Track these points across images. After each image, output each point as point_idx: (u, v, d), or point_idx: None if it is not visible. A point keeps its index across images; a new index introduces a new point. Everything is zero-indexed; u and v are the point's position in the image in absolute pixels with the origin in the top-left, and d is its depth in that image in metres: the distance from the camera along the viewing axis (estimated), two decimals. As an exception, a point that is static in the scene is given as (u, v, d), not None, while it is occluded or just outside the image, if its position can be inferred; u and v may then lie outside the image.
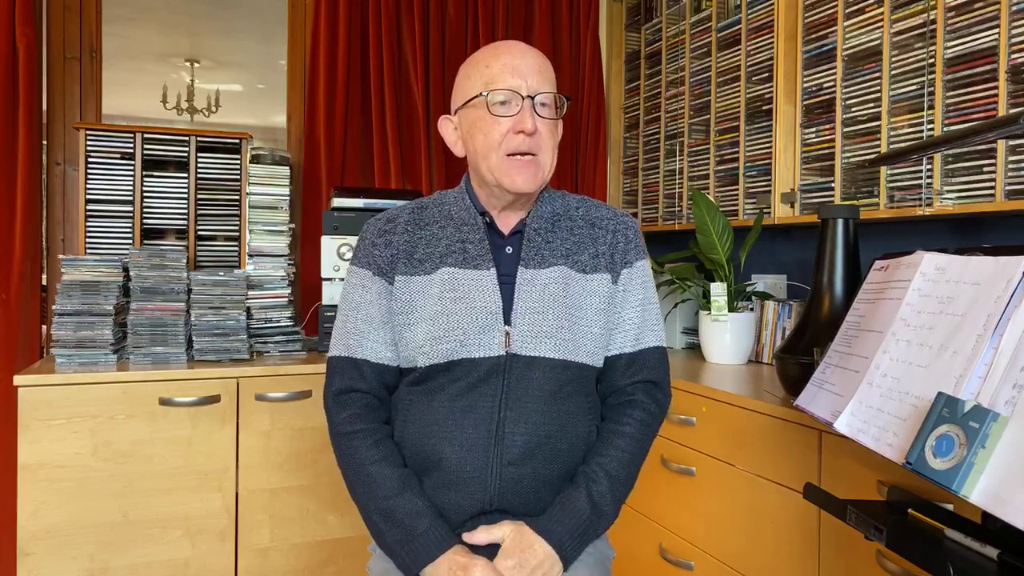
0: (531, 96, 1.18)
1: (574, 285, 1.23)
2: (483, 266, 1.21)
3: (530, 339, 1.18)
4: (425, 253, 1.24)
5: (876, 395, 1.04)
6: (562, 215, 1.29)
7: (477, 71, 1.22)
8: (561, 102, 1.23)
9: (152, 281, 2.04)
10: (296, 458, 2.04)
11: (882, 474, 1.30)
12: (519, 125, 1.17)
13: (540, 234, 1.25)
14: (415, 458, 1.19)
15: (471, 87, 1.22)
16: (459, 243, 1.24)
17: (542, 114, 1.20)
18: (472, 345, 1.17)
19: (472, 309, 1.18)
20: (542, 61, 1.22)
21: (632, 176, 3.02)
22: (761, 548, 1.63)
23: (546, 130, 1.20)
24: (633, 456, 1.23)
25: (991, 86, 1.58)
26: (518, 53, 1.21)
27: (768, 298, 2.27)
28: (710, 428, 1.82)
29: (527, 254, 1.23)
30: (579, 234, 1.27)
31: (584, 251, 1.26)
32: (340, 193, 2.36)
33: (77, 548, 1.83)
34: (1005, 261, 0.93)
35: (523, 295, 1.20)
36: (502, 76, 1.18)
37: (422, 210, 1.30)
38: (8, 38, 2.25)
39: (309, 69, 2.72)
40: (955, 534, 0.93)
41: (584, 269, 1.25)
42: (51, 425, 1.81)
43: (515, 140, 1.18)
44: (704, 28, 2.55)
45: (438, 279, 1.21)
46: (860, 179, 1.92)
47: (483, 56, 1.23)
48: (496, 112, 1.18)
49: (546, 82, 1.21)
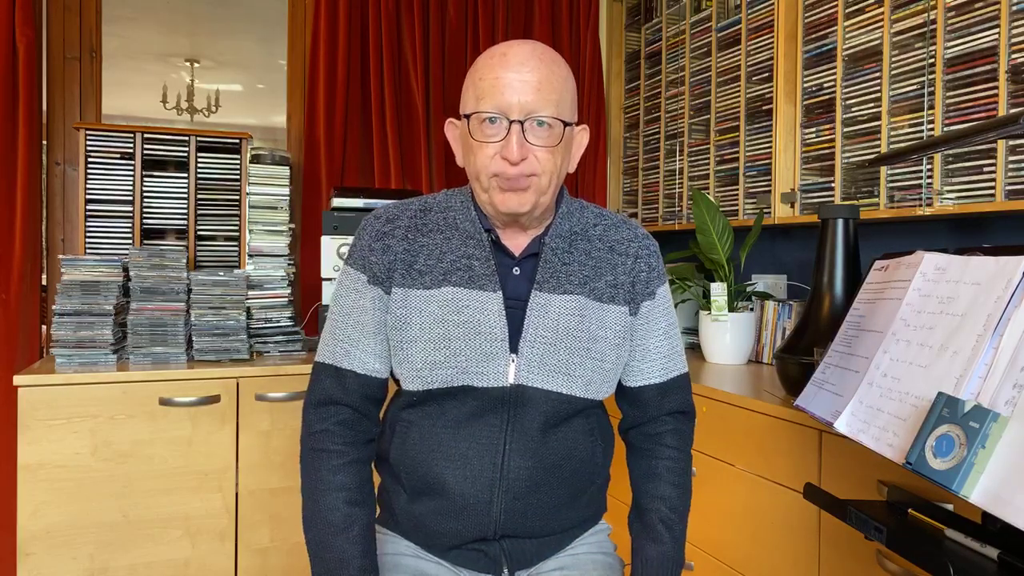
0: (521, 120, 1.04)
1: (590, 316, 1.14)
2: (489, 287, 1.11)
3: (538, 372, 1.10)
4: (426, 265, 1.13)
5: (876, 395, 1.04)
6: (580, 234, 1.19)
7: (473, 81, 1.09)
8: (569, 123, 1.09)
9: (152, 281, 2.04)
10: (296, 458, 2.04)
11: (882, 474, 1.30)
12: (504, 152, 1.04)
13: (557, 255, 1.15)
14: (414, 481, 1.14)
15: (465, 99, 1.12)
16: (464, 259, 1.13)
17: (535, 140, 1.05)
18: (474, 373, 1.09)
19: (477, 335, 1.09)
20: (546, 74, 1.06)
21: (632, 176, 3.02)
22: (761, 548, 1.63)
23: (542, 155, 1.06)
24: (686, 487, 1.22)
25: (991, 86, 1.58)
26: (517, 64, 1.05)
27: (768, 298, 2.27)
28: (710, 428, 1.82)
29: (543, 275, 1.13)
30: (597, 258, 1.17)
31: (602, 278, 1.16)
32: (340, 193, 2.36)
33: (77, 548, 1.83)
34: (1005, 261, 0.93)
35: (534, 322, 1.11)
36: (491, 94, 1.05)
37: (426, 214, 1.18)
38: (8, 38, 2.25)
39: (309, 69, 2.72)
40: (955, 534, 0.93)
41: (601, 298, 1.15)
42: (51, 425, 1.81)
43: (501, 165, 1.06)
44: (704, 28, 2.55)
45: (439, 297, 1.11)
46: (860, 179, 1.92)
47: (483, 63, 1.09)
48: (480, 136, 1.06)
49: (546, 102, 1.05)
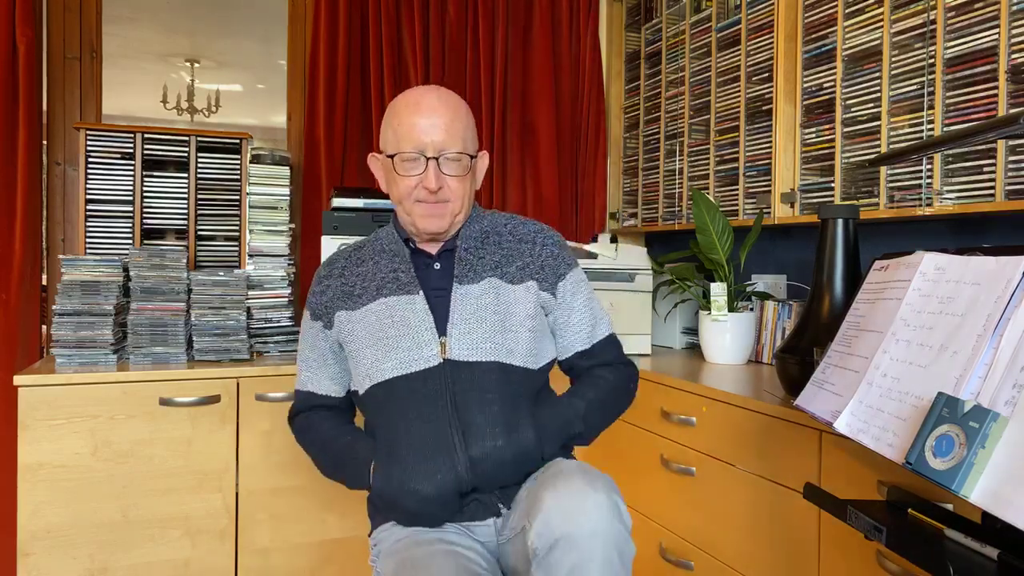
0: (436, 156, 1.27)
1: (504, 294, 1.33)
2: (412, 290, 1.32)
3: (465, 347, 1.28)
4: (362, 288, 1.35)
5: (876, 395, 1.04)
6: (491, 232, 1.40)
7: (391, 126, 1.31)
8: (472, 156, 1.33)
9: (152, 281, 2.04)
10: (296, 458, 2.03)
11: (882, 474, 1.30)
12: (424, 183, 1.27)
13: (471, 252, 1.36)
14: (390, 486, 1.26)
15: (385, 141, 1.33)
16: (391, 272, 1.35)
17: (448, 171, 1.29)
18: (411, 360, 1.27)
19: (409, 329, 1.29)
20: (453, 115, 1.29)
21: (632, 176, 3.02)
22: (761, 548, 1.63)
23: (453, 183, 1.30)
24: (608, 393, 1.36)
25: (991, 86, 1.58)
26: (427, 110, 1.28)
27: (768, 298, 2.27)
28: (710, 428, 1.82)
29: (460, 271, 1.34)
30: (507, 247, 1.38)
31: (512, 263, 1.36)
32: (340, 193, 2.36)
33: (77, 548, 1.83)
34: (1005, 261, 0.93)
35: (458, 307, 1.31)
36: (409, 137, 1.27)
37: (359, 250, 1.42)
38: (8, 38, 2.25)
39: (309, 69, 2.72)
40: (955, 534, 0.93)
41: (512, 280, 1.35)
42: (51, 425, 1.81)
43: (422, 193, 1.29)
44: (704, 28, 2.55)
45: (375, 309, 1.32)
46: (860, 179, 1.92)
47: (398, 109, 1.31)
48: (403, 171, 1.29)
49: (454, 140, 1.28)
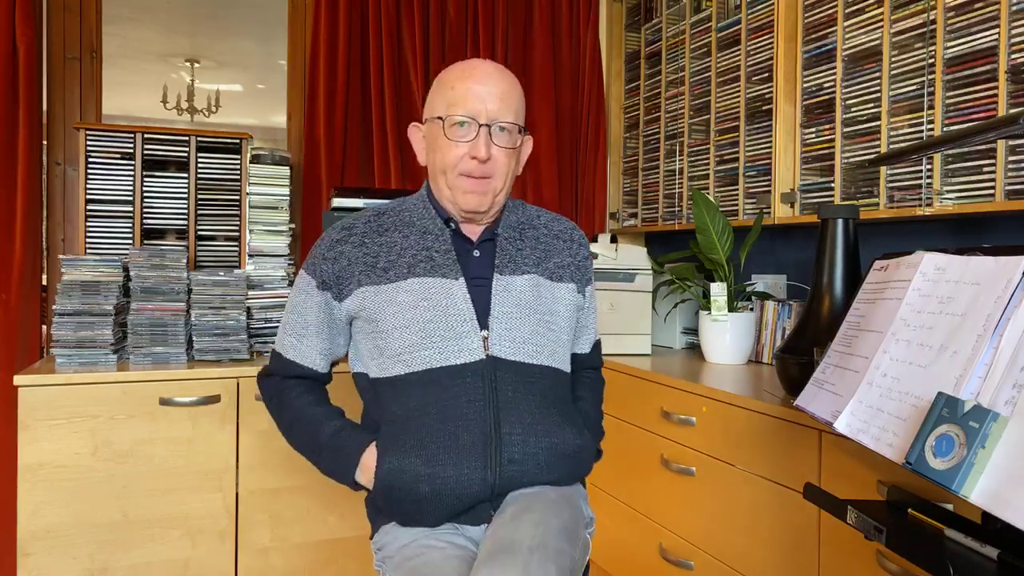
0: (488, 124, 1.22)
1: (545, 291, 1.30)
2: (451, 275, 1.24)
3: (508, 343, 1.23)
4: (389, 262, 1.25)
5: (876, 395, 1.04)
6: (527, 224, 1.36)
7: (443, 90, 1.25)
8: (523, 130, 1.28)
9: (152, 281, 2.04)
10: (296, 458, 2.02)
11: (882, 474, 1.30)
12: (473, 151, 1.22)
13: (511, 242, 1.31)
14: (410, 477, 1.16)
15: (435, 105, 1.27)
16: (424, 251, 1.26)
17: (498, 142, 1.23)
18: (451, 351, 1.20)
19: (448, 316, 1.21)
20: (508, 87, 1.25)
21: (632, 176, 3.02)
22: (761, 548, 1.63)
23: (501, 156, 1.24)
24: (600, 397, 1.46)
25: (991, 86, 1.58)
26: (483, 77, 1.23)
27: (768, 298, 2.27)
28: (710, 428, 1.82)
29: (501, 260, 1.28)
30: (545, 243, 1.35)
31: (551, 259, 1.33)
32: (340, 193, 2.35)
33: (77, 548, 1.83)
34: (1005, 261, 0.93)
35: (500, 300, 1.25)
36: (463, 100, 1.22)
37: (380, 216, 1.32)
38: (8, 38, 2.25)
39: (309, 69, 2.72)
40: (955, 534, 0.93)
41: (552, 277, 1.32)
42: (51, 425, 1.81)
43: (469, 164, 1.23)
44: (704, 28, 2.55)
45: (407, 287, 1.23)
46: (860, 179, 1.92)
47: (451, 75, 1.26)
48: (452, 136, 1.23)
49: (508, 110, 1.24)
